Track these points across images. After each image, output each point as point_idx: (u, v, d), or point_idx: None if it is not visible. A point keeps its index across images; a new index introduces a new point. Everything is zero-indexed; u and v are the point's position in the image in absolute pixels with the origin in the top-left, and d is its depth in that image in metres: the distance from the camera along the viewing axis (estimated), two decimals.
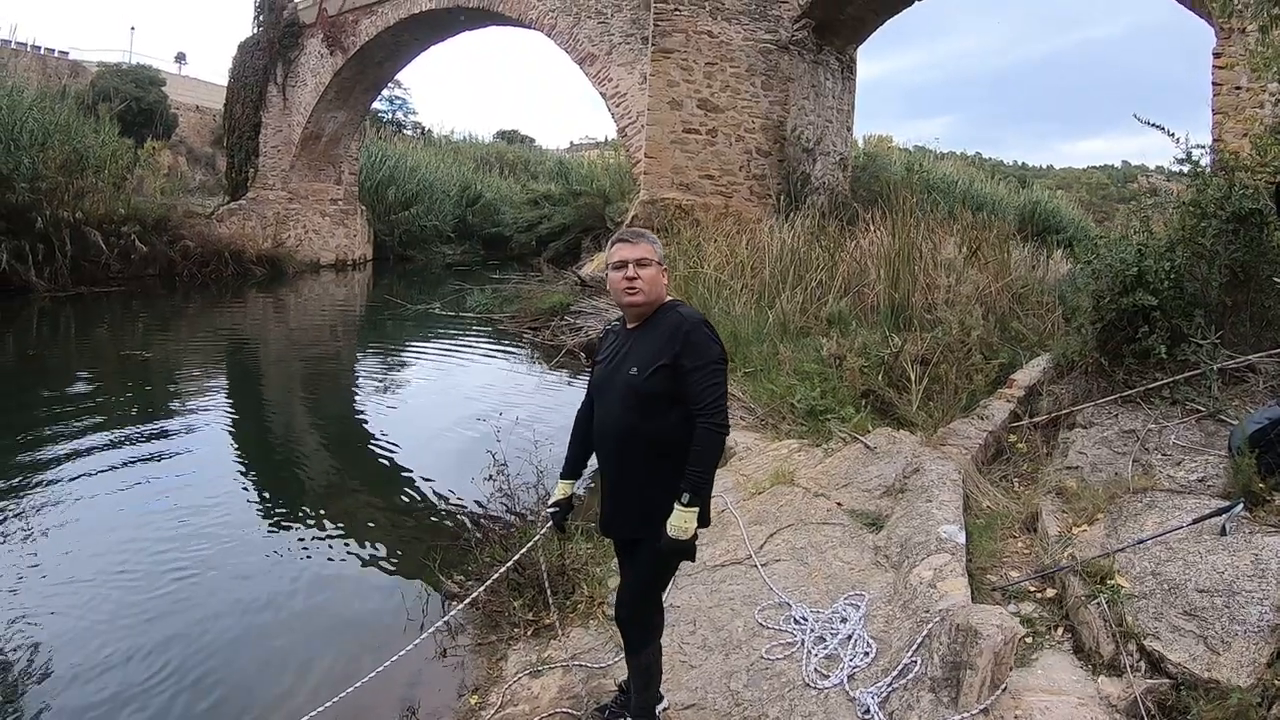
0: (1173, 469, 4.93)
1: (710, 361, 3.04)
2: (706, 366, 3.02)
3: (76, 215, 19.09)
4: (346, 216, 28.97)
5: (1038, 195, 30.68)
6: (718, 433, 3.01)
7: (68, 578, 5.66)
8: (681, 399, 3.05)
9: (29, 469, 7.58)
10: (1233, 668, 3.13)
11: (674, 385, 3.04)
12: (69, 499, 6.98)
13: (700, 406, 3.00)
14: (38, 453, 8.03)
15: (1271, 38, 6.03)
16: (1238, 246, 6.02)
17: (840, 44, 18.70)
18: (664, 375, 3.05)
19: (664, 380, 3.05)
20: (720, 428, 3.01)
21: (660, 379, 3.05)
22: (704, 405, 3.00)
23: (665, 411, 3.07)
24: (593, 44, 18.91)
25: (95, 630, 5.08)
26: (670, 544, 2.99)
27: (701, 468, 3.01)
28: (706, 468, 3.03)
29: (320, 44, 25.45)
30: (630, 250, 3.14)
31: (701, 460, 3.00)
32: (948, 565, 4.11)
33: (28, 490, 7.11)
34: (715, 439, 3.02)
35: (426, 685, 4.50)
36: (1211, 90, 10.79)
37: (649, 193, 16.92)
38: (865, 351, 8.63)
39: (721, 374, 3.07)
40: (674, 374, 3.03)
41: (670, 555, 3.08)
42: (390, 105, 50.86)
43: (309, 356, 15.02)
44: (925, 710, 3.14)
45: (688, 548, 3.03)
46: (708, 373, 3.02)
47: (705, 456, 3.01)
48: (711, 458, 3.05)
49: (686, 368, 3.02)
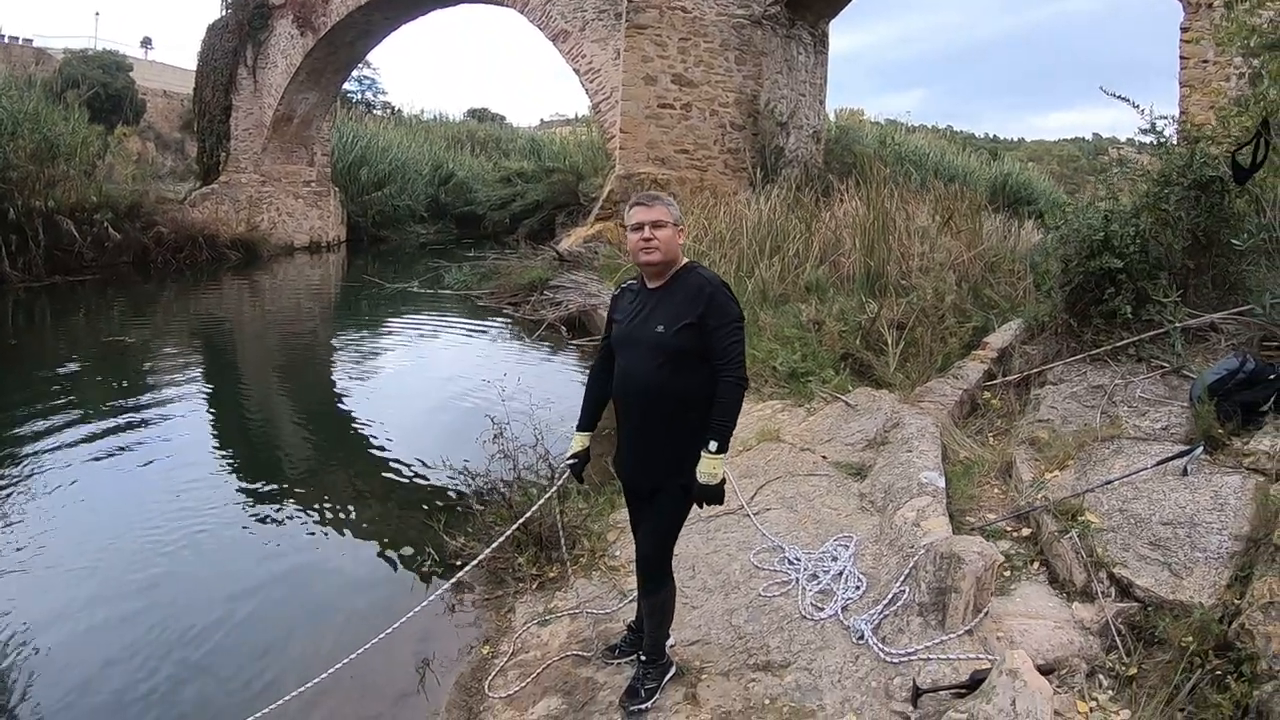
0: (1138, 419, 5.23)
1: (731, 320, 3.30)
2: (728, 325, 3.29)
3: (49, 204, 18.85)
4: (320, 198, 28.77)
5: (1009, 167, 30.91)
6: (739, 385, 3.29)
7: (58, 564, 5.68)
8: (705, 355, 3.30)
9: (8, 458, 7.56)
10: (1195, 590, 3.42)
11: (699, 343, 3.29)
12: (54, 485, 6.97)
13: (724, 361, 3.26)
14: (18, 440, 8.01)
15: (1235, 13, 6.24)
16: (1199, 212, 6.27)
17: (813, 18, 18.90)
18: (690, 333, 3.29)
19: (690, 338, 3.29)
20: (742, 381, 3.29)
21: (687, 336, 3.29)
22: (727, 360, 3.26)
23: (693, 367, 3.32)
24: (566, 20, 18.94)
25: (99, 609, 5.17)
26: (702, 490, 3.26)
27: (726, 418, 3.27)
28: (730, 417, 3.29)
29: (290, 25, 25.19)
30: (647, 213, 3.38)
31: (726, 411, 3.27)
32: (929, 506, 4.39)
33: (8, 477, 7.10)
34: (737, 391, 3.29)
35: (438, 640, 4.68)
36: (1179, 64, 11.07)
37: (625, 168, 17.07)
38: (843, 317, 8.91)
39: (741, 332, 3.34)
40: (699, 332, 3.28)
41: (701, 499, 3.32)
42: (360, 85, 50.34)
43: (290, 339, 15.03)
44: (915, 633, 3.42)
45: (718, 492, 3.29)
46: (729, 330, 3.28)
47: (729, 407, 3.28)
48: (734, 408, 3.31)
49: (711, 326, 3.27)
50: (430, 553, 5.50)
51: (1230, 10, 6.25)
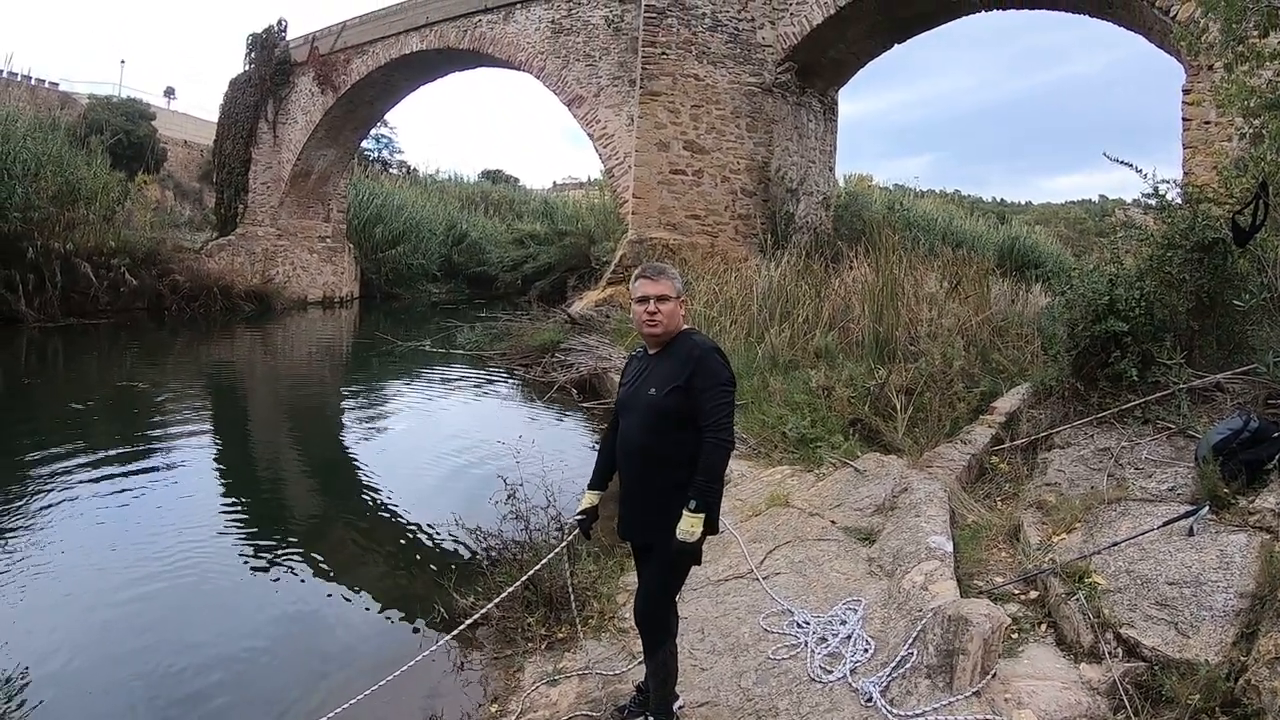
0: (1144, 481, 5.26)
1: (719, 384, 3.41)
2: (715, 388, 3.39)
3: (67, 246, 19.31)
4: (334, 254, 29.21)
5: (1016, 231, 31.19)
6: (722, 446, 3.38)
7: (58, 605, 5.73)
8: (693, 417, 3.39)
9: (16, 496, 7.67)
10: (1202, 648, 3.43)
11: (687, 404, 3.40)
12: (58, 525, 7.06)
13: (709, 423, 3.36)
14: (26, 480, 8.12)
15: (1235, 75, 6.37)
16: (1203, 274, 6.35)
17: (822, 86, 19.27)
18: (679, 395, 3.41)
19: (678, 399, 3.41)
20: (725, 442, 3.38)
21: (675, 398, 3.42)
22: (711, 421, 3.36)
23: (679, 429, 3.42)
24: (581, 86, 19.38)
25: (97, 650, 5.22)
26: (679, 545, 3.33)
27: (707, 477, 3.36)
28: (712, 477, 3.39)
29: (311, 82, 25.84)
30: (653, 287, 3.53)
31: (708, 471, 3.36)
32: (937, 570, 4.42)
33: (16, 517, 7.18)
34: (720, 451, 3.38)
35: (446, 697, 4.69)
36: (1182, 125, 11.25)
37: (637, 232, 17.32)
38: (852, 382, 8.96)
39: (729, 395, 3.44)
40: (687, 394, 3.40)
41: (679, 556, 3.40)
42: (377, 144, 51.34)
43: (301, 392, 15.18)
44: (923, 694, 3.43)
45: (694, 550, 3.37)
46: (716, 393, 3.39)
47: (712, 468, 3.37)
48: (717, 468, 3.40)
49: (698, 388, 3.39)
50: (439, 609, 5.49)
51: (1230, 72, 6.37)
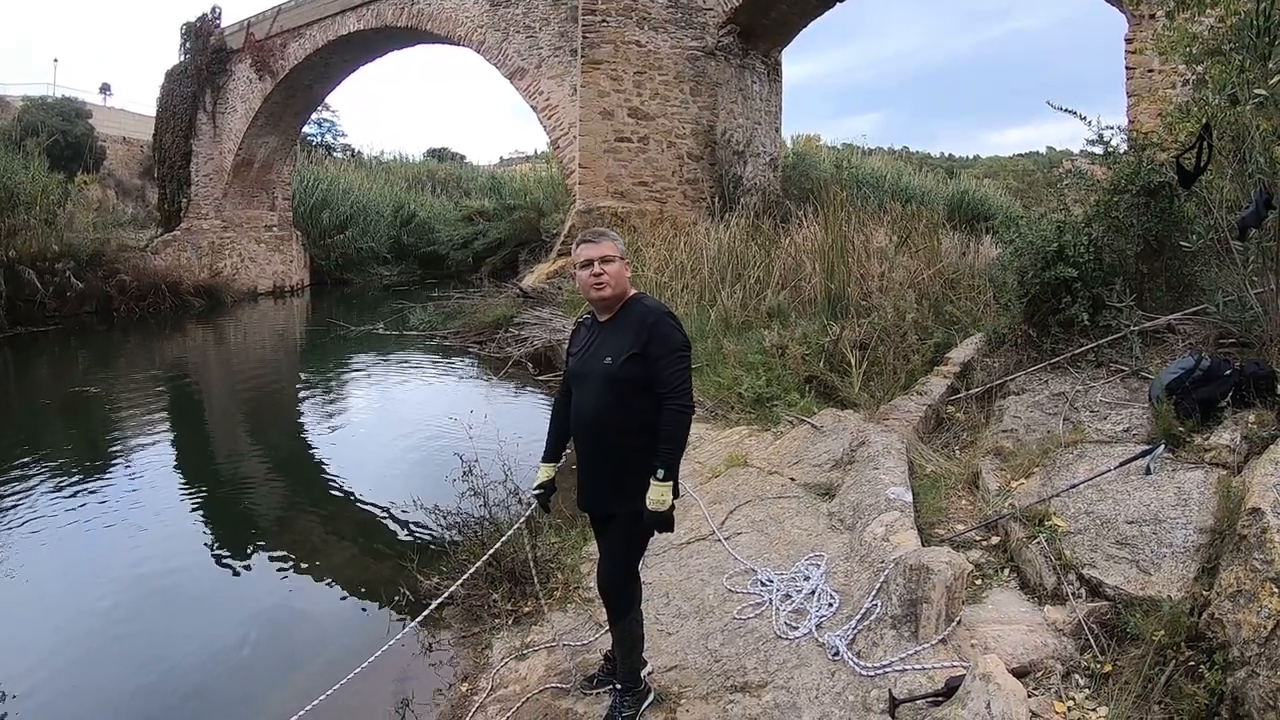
0: (1100, 423, 5.31)
1: (675, 349, 3.34)
2: (672, 354, 3.33)
3: (9, 254, 18.79)
4: (282, 243, 28.70)
5: (965, 185, 31.31)
6: (683, 412, 3.33)
7: (26, 617, 5.67)
8: (651, 385, 3.33)
9: None
10: (1164, 584, 3.45)
11: (644, 372, 3.33)
12: (19, 538, 6.94)
13: (667, 390, 3.30)
14: None
15: (1177, 22, 6.39)
16: (1150, 218, 6.40)
17: (765, 47, 19.17)
18: (635, 363, 3.34)
19: (635, 368, 3.34)
20: (685, 408, 3.33)
21: (632, 367, 3.34)
22: (671, 388, 3.30)
23: (637, 397, 3.36)
24: (522, 58, 19.12)
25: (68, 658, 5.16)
26: (651, 516, 3.29)
27: (672, 445, 3.31)
28: (676, 445, 3.34)
29: (249, 69, 25.26)
30: (594, 249, 3.44)
31: (672, 438, 3.31)
32: (898, 521, 4.43)
33: None
34: (682, 418, 3.33)
35: (416, 679, 4.65)
36: (1125, 74, 11.33)
37: (584, 202, 17.18)
38: (806, 340, 8.97)
39: (685, 360, 3.38)
40: (643, 361, 3.33)
41: (652, 526, 3.36)
42: (320, 128, 50.35)
43: (256, 385, 14.93)
44: (889, 645, 3.43)
45: (667, 518, 3.32)
46: (673, 359, 3.32)
47: (674, 434, 3.32)
48: (680, 435, 3.35)
49: (653, 355, 3.32)
50: (405, 593, 5.45)
51: (1172, 20, 6.39)
